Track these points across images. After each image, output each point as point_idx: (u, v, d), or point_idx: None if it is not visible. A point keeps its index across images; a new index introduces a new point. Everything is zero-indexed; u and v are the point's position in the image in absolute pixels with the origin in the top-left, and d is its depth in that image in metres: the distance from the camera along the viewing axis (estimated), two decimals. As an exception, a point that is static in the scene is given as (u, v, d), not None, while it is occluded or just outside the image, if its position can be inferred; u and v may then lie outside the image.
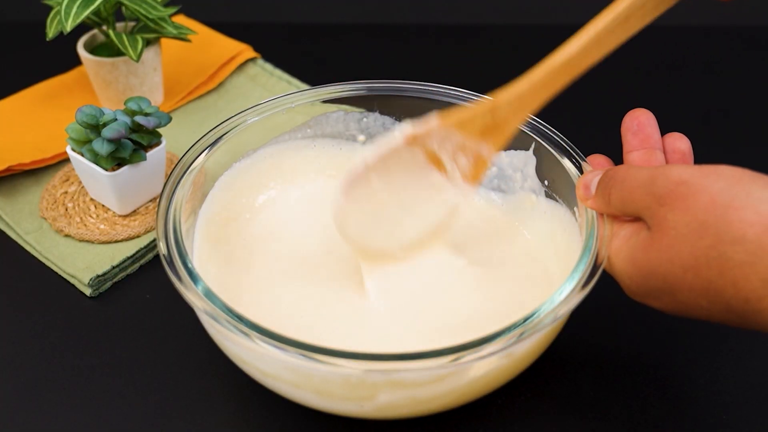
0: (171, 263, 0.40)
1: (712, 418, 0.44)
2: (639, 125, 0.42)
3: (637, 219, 0.38)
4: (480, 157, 0.42)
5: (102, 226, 0.54)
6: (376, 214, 0.43)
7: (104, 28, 0.61)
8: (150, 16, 0.59)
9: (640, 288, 0.37)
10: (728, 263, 0.32)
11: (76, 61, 0.68)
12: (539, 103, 0.42)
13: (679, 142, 0.42)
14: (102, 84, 0.62)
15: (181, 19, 0.73)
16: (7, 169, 0.57)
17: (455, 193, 0.43)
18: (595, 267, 0.39)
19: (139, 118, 0.51)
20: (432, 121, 0.41)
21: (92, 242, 0.53)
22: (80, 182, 0.57)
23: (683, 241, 0.34)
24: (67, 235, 0.54)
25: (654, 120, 0.42)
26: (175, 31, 0.60)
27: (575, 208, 0.45)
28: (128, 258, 0.52)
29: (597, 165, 0.43)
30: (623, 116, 0.43)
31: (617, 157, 0.44)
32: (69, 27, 0.54)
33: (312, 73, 0.69)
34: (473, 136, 0.42)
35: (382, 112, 0.53)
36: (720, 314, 0.34)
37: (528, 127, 0.48)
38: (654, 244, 0.35)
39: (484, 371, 0.38)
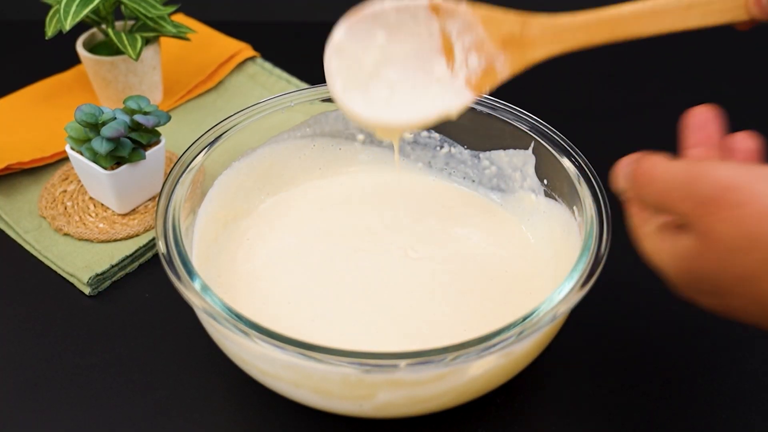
0: (170, 262, 0.40)
1: (711, 416, 0.44)
2: (702, 122, 0.38)
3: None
4: (492, 68, 0.39)
5: (101, 225, 0.54)
6: (366, 70, 0.40)
7: (103, 26, 0.61)
8: (149, 15, 0.59)
9: (690, 289, 0.34)
10: None
11: (75, 60, 0.68)
12: (571, 44, 0.40)
13: (747, 141, 0.37)
14: (101, 83, 0.62)
15: (180, 18, 0.73)
16: (6, 168, 0.57)
17: (451, 92, 0.40)
18: (594, 266, 0.39)
19: (138, 117, 0.51)
20: (461, 4, 0.39)
21: (91, 241, 0.53)
22: (79, 181, 0.57)
23: (734, 255, 0.31)
24: (66, 234, 0.54)
25: (718, 119, 0.38)
26: (174, 30, 0.60)
27: (574, 207, 0.45)
28: (127, 257, 0.52)
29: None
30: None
31: (614, 157, 0.44)
32: (68, 26, 0.54)
33: (311, 72, 0.69)
34: (495, 39, 0.39)
35: (381, 111, 0.53)
36: None
37: (527, 126, 0.48)
38: (702, 254, 0.33)
39: (483, 370, 0.38)
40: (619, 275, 0.51)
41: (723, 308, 0.34)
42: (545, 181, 0.48)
